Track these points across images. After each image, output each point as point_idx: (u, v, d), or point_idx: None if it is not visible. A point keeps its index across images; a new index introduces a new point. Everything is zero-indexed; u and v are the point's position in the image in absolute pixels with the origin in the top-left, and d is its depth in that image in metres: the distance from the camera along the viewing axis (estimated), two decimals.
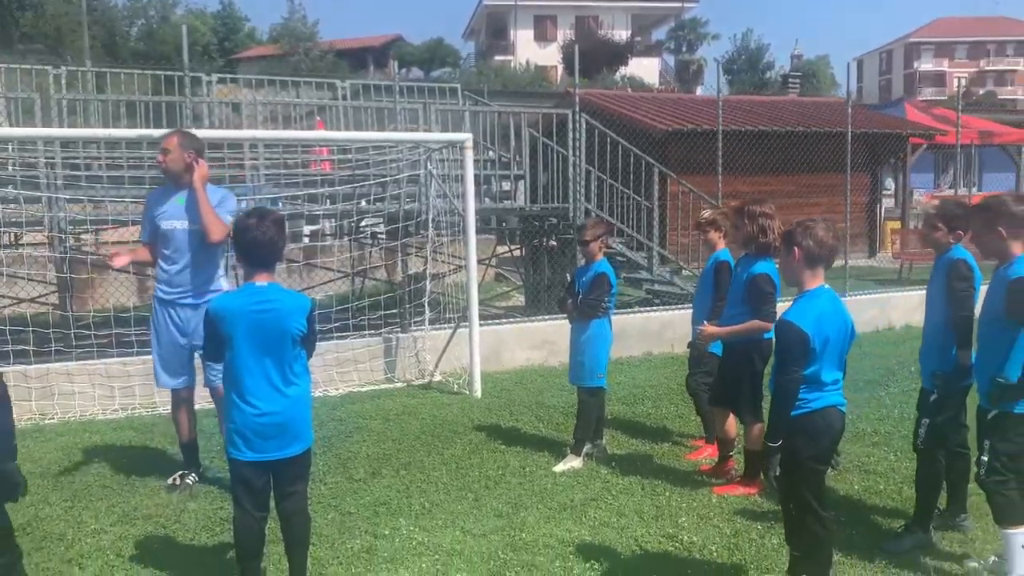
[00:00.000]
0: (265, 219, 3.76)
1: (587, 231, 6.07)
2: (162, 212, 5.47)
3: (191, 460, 5.74)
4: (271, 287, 3.78)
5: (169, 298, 5.49)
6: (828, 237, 3.66)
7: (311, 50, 57.29)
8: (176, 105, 10.31)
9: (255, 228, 3.73)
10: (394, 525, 4.87)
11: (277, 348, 3.73)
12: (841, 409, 3.71)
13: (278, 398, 3.74)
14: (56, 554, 4.53)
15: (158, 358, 5.59)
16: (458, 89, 13.90)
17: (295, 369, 3.81)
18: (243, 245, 3.77)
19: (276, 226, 3.77)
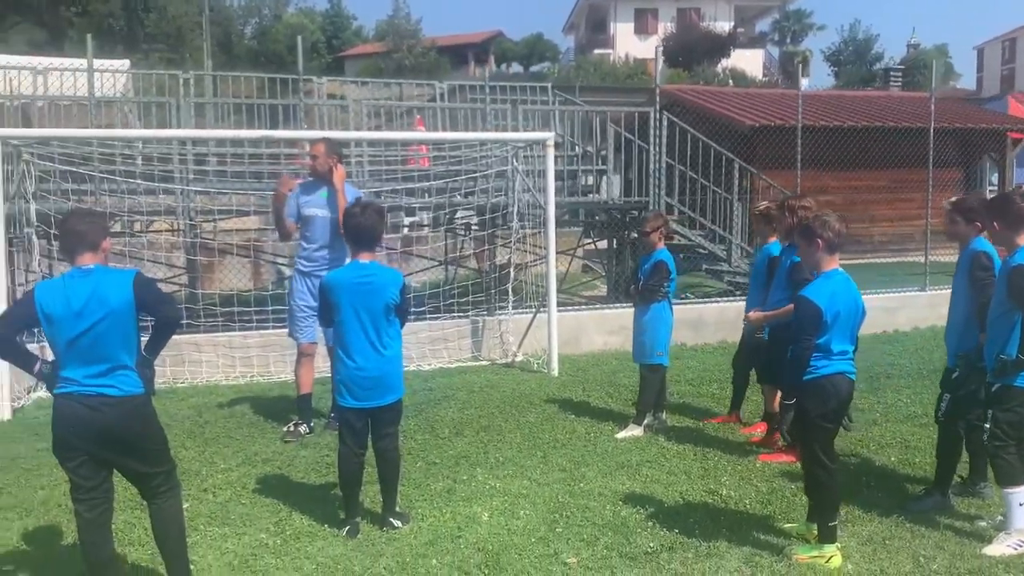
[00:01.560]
0: (368, 209, 4.61)
1: (647, 223, 6.71)
2: (308, 201, 6.73)
3: (305, 411, 6.76)
4: (372, 264, 4.61)
5: (307, 270, 6.69)
6: (842, 227, 4.24)
7: (414, 47, 58.87)
8: (289, 106, 11.35)
9: (359, 215, 4.59)
10: (471, 473, 5.65)
11: (375, 314, 4.55)
12: (850, 376, 4.26)
13: (375, 356, 4.57)
14: (194, 485, 5.48)
15: (292, 317, 6.79)
16: (548, 87, 14.57)
17: (390, 333, 4.62)
18: (350, 229, 4.63)
19: (377, 214, 4.62)
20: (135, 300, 3.67)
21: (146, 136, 9.01)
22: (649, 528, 4.72)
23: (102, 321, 3.59)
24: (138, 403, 3.73)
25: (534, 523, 4.81)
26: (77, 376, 3.62)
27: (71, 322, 3.58)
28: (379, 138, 10.53)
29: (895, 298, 11.46)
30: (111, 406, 3.63)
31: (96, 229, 3.73)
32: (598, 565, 4.27)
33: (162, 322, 3.82)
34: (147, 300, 3.71)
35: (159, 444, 3.85)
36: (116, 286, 3.65)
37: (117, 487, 3.92)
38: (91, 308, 3.59)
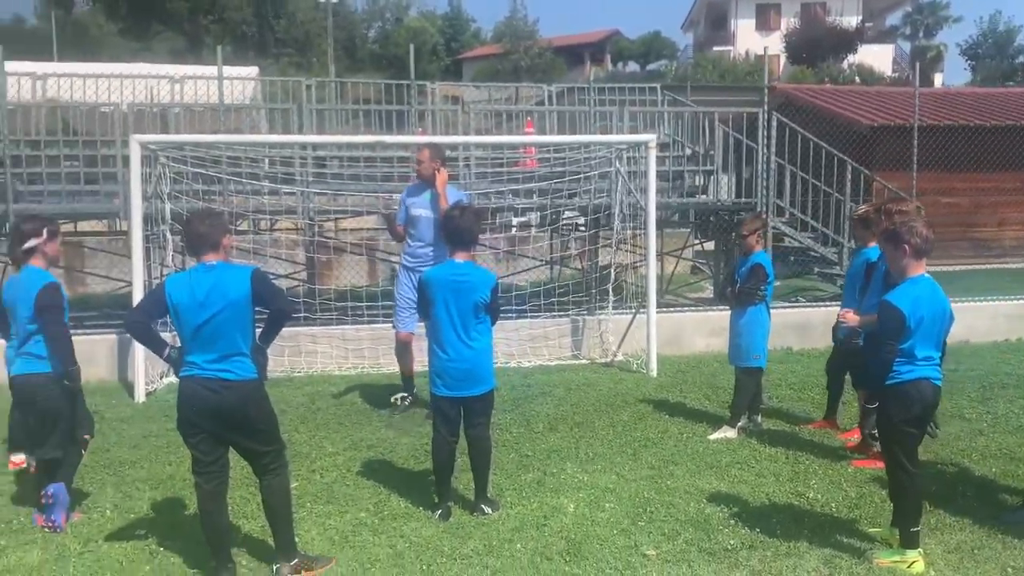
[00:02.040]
0: (466, 211, 4.89)
1: (745, 226, 6.73)
2: (414, 202, 7.34)
3: (408, 388, 7.48)
4: (466, 264, 4.88)
5: (411, 265, 7.28)
6: (930, 233, 4.21)
7: (530, 48, 59.36)
8: (404, 111, 11.80)
9: (458, 217, 4.87)
10: (561, 467, 5.85)
11: (464, 311, 4.81)
12: (935, 382, 4.23)
13: (465, 350, 4.83)
14: (304, 467, 5.90)
15: (397, 308, 7.39)
16: (657, 88, 14.57)
17: (478, 329, 4.87)
18: (448, 229, 4.93)
19: (474, 217, 4.90)
20: (252, 293, 4.05)
21: (269, 141, 9.61)
22: (731, 526, 4.80)
23: (222, 312, 3.99)
24: (252, 387, 4.11)
25: (618, 516, 4.97)
26: (199, 361, 4.03)
27: (195, 312, 3.99)
28: (484, 141, 10.86)
29: (1021, 305, 10.96)
30: (228, 388, 4.02)
31: (217, 230, 4.13)
32: (676, 559, 4.40)
33: (275, 314, 4.19)
34: (263, 294, 4.09)
35: (270, 425, 4.22)
36: (236, 280, 4.04)
37: (234, 466, 4.32)
38: (213, 299, 3.99)
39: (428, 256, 7.16)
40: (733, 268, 7.09)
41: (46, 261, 4.91)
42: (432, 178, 7.17)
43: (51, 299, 4.73)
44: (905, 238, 4.24)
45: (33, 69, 11.71)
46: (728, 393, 7.80)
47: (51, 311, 4.71)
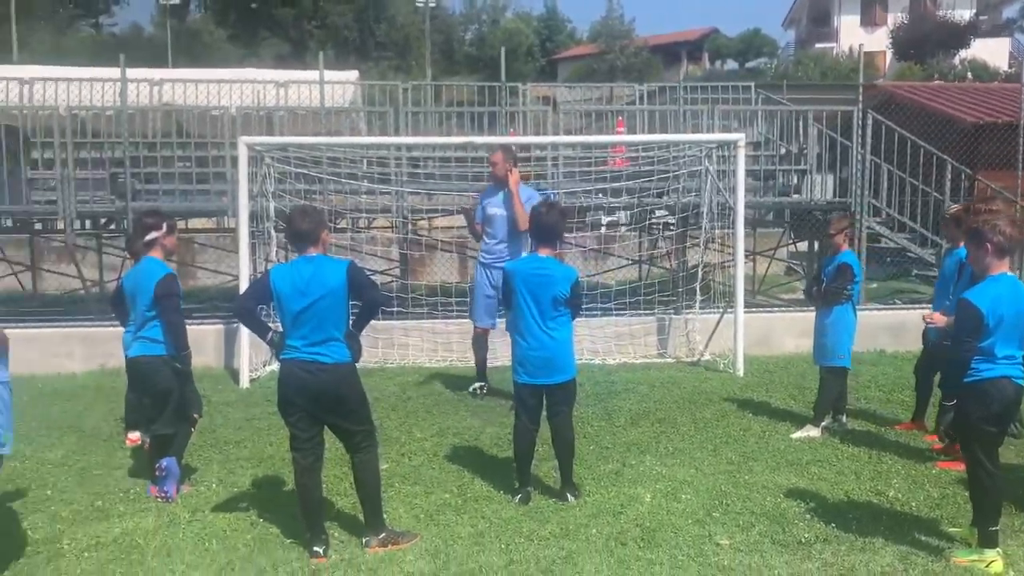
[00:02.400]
0: (552, 209, 5.10)
1: (831, 225, 6.71)
2: (490, 202, 7.77)
3: (483, 376, 8.00)
4: (548, 259, 5.07)
5: (487, 262, 7.76)
6: (1015, 232, 4.18)
7: (626, 47, 59.07)
8: (496, 112, 12.02)
9: (544, 214, 5.08)
10: (640, 459, 5.97)
11: (543, 303, 5.01)
12: (1016, 381, 4.19)
13: (545, 339, 5.03)
14: (394, 450, 6.21)
15: (475, 303, 7.89)
16: (751, 86, 14.42)
17: (559, 320, 5.06)
18: (534, 225, 5.14)
19: (559, 215, 5.10)
20: (347, 284, 4.35)
21: (364, 142, 9.99)
22: (806, 520, 4.85)
23: (320, 300, 4.30)
24: (346, 370, 4.41)
25: (693, 507, 5.07)
26: (298, 344, 4.36)
27: (296, 299, 4.31)
28: (568, 141, 10.98)
29: None
30: (323, 371, 4.33)
31: (317, 226, 4.46)
32: (749, 549, 4.48)
33: (368, 303, 4.47)
34: (357, 284, 4.39)
35: (361, 406, 4.52)
36: (333, 272, 4.36)
37: (330, 447, 4.64)
38: (312, 288, 4.31)
39: (503, 252, 7.60)
40: (820, 267, 7.06)
41: (164, 253, 5.35)
42: (505, 179, 7.58)
43: (168, 288, 5.16)
44: (987, 236, 4.22)
45: (149, 75, 12.46)
46: (814, 394, 7.74)
47: (168, 299, 5.14)
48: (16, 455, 6.15)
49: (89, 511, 5.07)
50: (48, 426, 6.97)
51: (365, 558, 4.41)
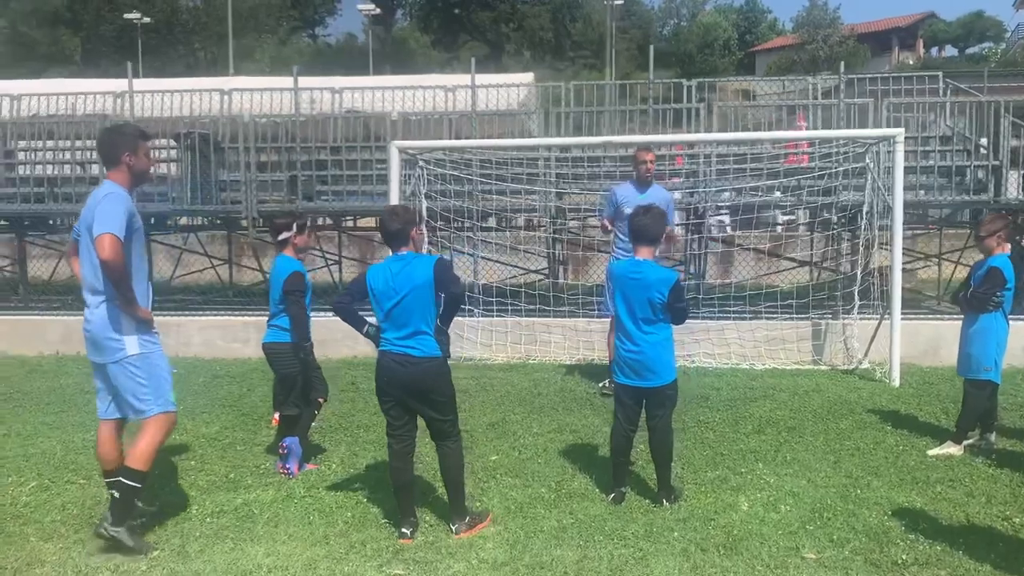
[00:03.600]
0: (650, 211, 5.10)
1: (983, 226, 6.19)
2: (628, 201, 7.74)
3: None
4: (646, 262, 5.06)
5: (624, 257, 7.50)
6: None
7: (829, 37, 56.09)
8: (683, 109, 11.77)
9: (642, 216, 5.08)
10: (752, 468, 5.80)
11: (639, 305, 5.00)
12: None
13: (641, 341, 5.02)
14: (507, 443, 6.42)
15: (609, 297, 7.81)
16: (939, 76, 13.34)
17: (657, 324, 5.02)
18: (633, 227, 5.16)
19: (657, 217, 5.07)
20: (434, 280, 4.57)
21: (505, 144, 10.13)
22: (909, 541, 4.55)
23: (409, 295, 4.55)
24: (434, 363, 4.63)
25: (790, 519, 4.89)
26: (391, 338, 4.64)
27: (388, 295, 4.59)
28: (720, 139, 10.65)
29: None
30: (412, 363, 4.58)
31: (406, 225, 4.69)
32: (836, 565, 4.28)
33: (449, 298, 4.65)
34: (441, 280, 4.58)
35: (447, 398, 4.73)
36: (421, 268, 4.59)
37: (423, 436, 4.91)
38: (401, 284, 4.57)
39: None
40: (971, 272, 6.52)
41: (295, 251, 5.82)
42: (649, 179, 7.80)
43: (295, 284, 5.62)
44: None
45: (331, 84, 13.39)
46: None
47: (294, 294, 5.61)
48: (179, 429, 6.93)
49: (222, 482, 5.63)
50: (213, 404, 7.75)
51: (447, 542, 4.62)
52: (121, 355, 4.50)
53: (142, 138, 4.75)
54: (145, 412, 4.56)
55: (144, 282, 4.65)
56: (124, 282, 4.42)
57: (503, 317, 9.97)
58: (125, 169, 4.60)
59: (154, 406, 4.56)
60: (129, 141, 4.66)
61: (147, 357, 4.57)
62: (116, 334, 4.49)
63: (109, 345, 4.50)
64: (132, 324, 4.52)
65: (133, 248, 4.54)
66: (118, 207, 4.42)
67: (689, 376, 8.88)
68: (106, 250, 4.28)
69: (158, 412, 4.57)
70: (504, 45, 73.52)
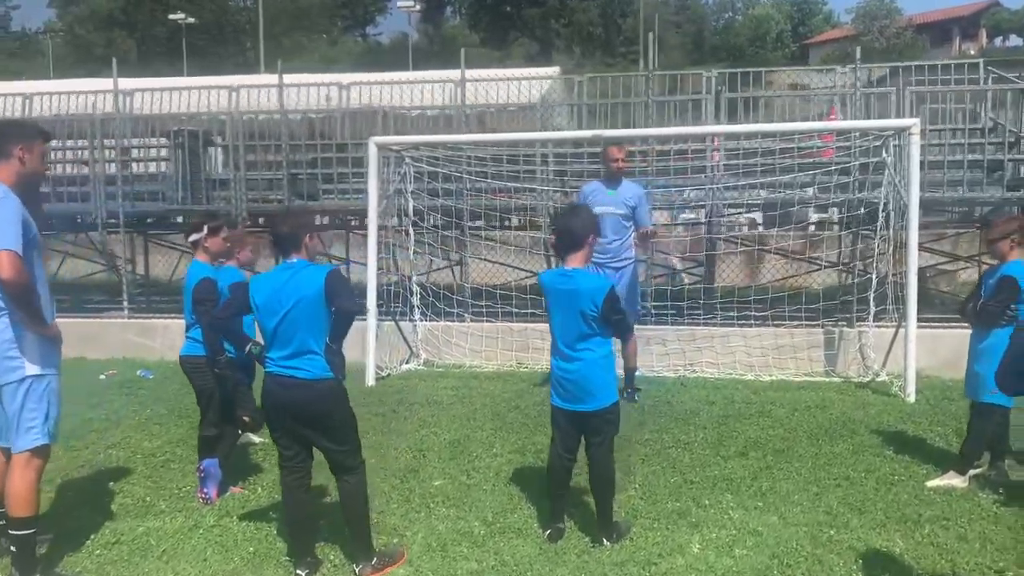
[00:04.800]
0: (572, 213, 4.51)
1: (994, 229, 5.44)
2: (598, 199, 7.37)
3: (629, 381, 7.71)
4: (575, 271, 4.45)
5: (601, 261, 7.28)
6: None
7: (886, 28, 54.16)
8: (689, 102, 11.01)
9: (564, 219, 4.48)
10: (719, 499, 5.16)
11: (573, 319, 4.40)
12: None
13: (574, 360, 4.43)
14: (460, 465, 5.88)
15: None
16: (979, 64, 12.35)
17: (593, 340, 4.41)
18: (557, 233, 4.55)
19: (579, 219, 4.47)
20: (324, 292, 4.04)
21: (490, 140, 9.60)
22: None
23: (293, 309, 4.02)
24: (325, 386, 4.10)
25: (743, 566, 4.25)
26: (275, 357, 4.12)
27: (272, 309, 4.06)
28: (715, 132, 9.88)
29: None
30: (299, 386, 4.06)
31: (300, 230, 4.16)
32: None
33: (338, 313, 4.10)
34: (332, 292, 4.04)
35: (344, 425, 4.20)
36: (309, 279, 4.06)
37: None
38: (286, 297, 4.03)
39: (615, 252, 7.48)
40: (981, 279, 5.76)
41: (209, 255, 5.34)
42: (620, 175, 7.56)
43: (204, 293, 5.11)
44: None
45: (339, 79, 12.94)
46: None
47: (203, 304, 5.09)
48: (121, 442, 6.59)
49: (135, 506, 5.21)
50: (171, 415, 7.38)
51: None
52: (18, 375, 4.07)
53: (41, 138, 4.33)
54: (20, 445, 4.09)
55: (46, 293, 4.22)
56: (30, 301, 4.00)
57: (493, 322, 9.43)
58: (16, 165, 4.16)
59: (32, 437, 4.09)
60: (26, 135, 4.24)
61: (43, 380, 4.13)
62: (16, 353, 4.06)
63: (6, 365, 4.07)
64: (36, 343, 4.10)
65: (32, 259, 4.10)
66: (10, 215, 3.96)
67: (686, 387, 8.30)
68: (5, 269, 3.83)
69: (33, 445, 4.09)
70: (554, 41, 72.87)
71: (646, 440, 6.45)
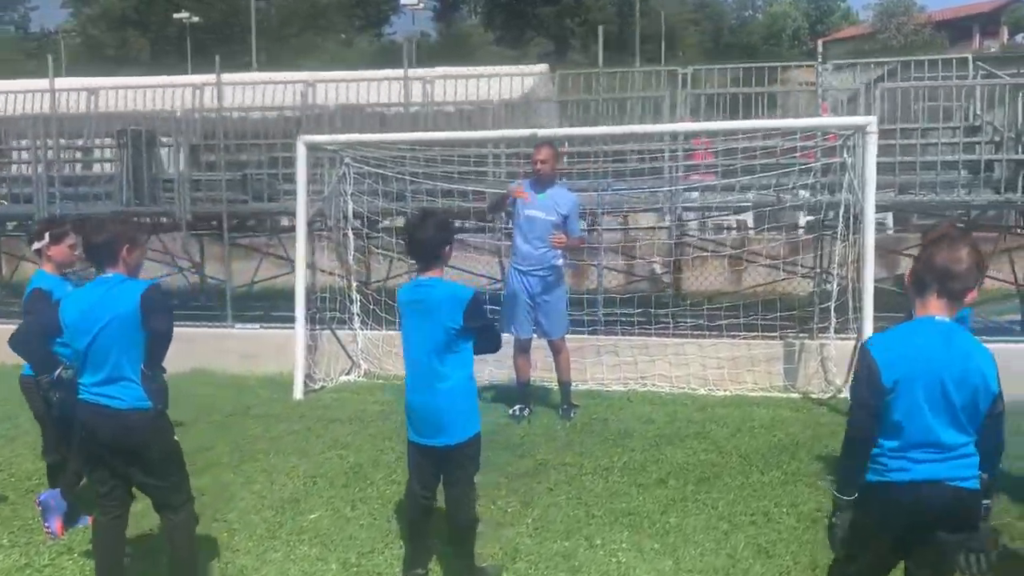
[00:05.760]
0: (426, 219, 3.97)
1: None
2: (528, 203, 6.88)
3: (525, 397, 7.23)
4: (432, 280, 3.97)
5: (524, 269, 6.98)
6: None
7: (904, 25, 53.04)
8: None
9: (417, 227, 3.97)
10: (614, 537, 4.65)
11: (431, 338, 3.91)
12: None
13: (430, 385, 3.94)
14: (349, 496, 5.42)
15: (511, 312, 7.06)
16: (968, 59, 11.72)
17: (451, 361, 3.91)
18: (407, 241, 4.05)
19: (431, 227, 3.96)
20: (140, 312, 3.60)
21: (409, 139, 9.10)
22: None
23: (104, 330, 3.59)
24: (140, 417, 3.65)
25: None
26: (87, 383, 3.68)
27: (82, 330, 3.62)
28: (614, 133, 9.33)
29: None
30: (111, 416, 3.63)
31: (113, 240, 3.71)
32: None
33: (152, 336, 3.67)
34: (146, 311, 3.61)
35: (165, 456, 3.75)
36: (123, 296, 3.62)
37: None
38: (97, 317, 3.60)
39: (541, 259, 6.91)
40: None
41: (53, 265, 4.86)
42: (549, 178, 6.98)
43: (30, 305, 4.59)
44: None
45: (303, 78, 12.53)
46: None
47: (29, 315, 4.54)
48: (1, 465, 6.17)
49: None
50: None
51: None
52: None
53: None
54: None
55: None
56: None
57: None
58: None
59: None
60: None
61: None
62: None
63: None
64: None
65: None
66: None
67: (632, 403, 7.79)
68: None
69: None
70: (569, 40, 72.28)
71: (564, 465, 5.96)
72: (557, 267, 7.04)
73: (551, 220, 6.88)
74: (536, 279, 6.94)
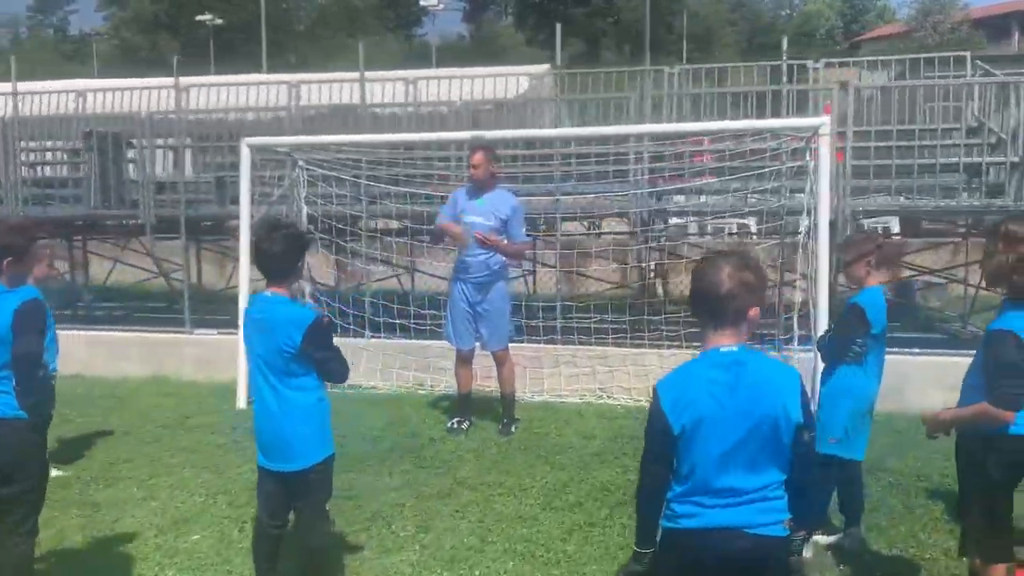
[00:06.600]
0: (273, 234, 3.72)
1: (847, 250, 4.57)
2: (465, 209, 6.71)
3: (465, 409, 7.02)
4: (275, 299, 3.72)
5: (464, 279, 6.75)
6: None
7: (939, 23, 51.68)
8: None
9: (263, 241, 3.73)
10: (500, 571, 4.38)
11: (270, 361, 3.69)
12: None
13: (274, 407, 3.72)
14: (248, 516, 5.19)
15: (450, 323, 6.85)
16: (966, 58, 11.21)
17: (295, 383, 3.69)
18: (256, 256, 3.81)
19: (284, 241, 3.70)
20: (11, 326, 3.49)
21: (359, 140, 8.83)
22: None
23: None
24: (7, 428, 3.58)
25: None
26: None
27: None
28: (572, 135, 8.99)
29: None
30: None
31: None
32: None
33: (14, 355, 3.52)
34: (14, 327, 3.52)
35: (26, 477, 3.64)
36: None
37: None
38: None
39: (482, 266, 6.66)
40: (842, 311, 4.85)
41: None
42: (487, 182, 6.67)
43: None
44: None
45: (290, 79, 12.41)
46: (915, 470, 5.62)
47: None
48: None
49: None
50: None
51: None
52: None
53: None
54: None
55: None
56: None
57: (391, 339, 8.69)
58: None
59: None
60: None
61: None
62: None
63: None
64: None
65: None
66: None
67: (583, 416, 7.50)
68: None
69: None
70: (600, 40, 71.81)
71: (482, 485, 5.70)
72: (497, 273, 6.75)
73: (489, 225, 6.58)
74: (474, 287, 6.70)
